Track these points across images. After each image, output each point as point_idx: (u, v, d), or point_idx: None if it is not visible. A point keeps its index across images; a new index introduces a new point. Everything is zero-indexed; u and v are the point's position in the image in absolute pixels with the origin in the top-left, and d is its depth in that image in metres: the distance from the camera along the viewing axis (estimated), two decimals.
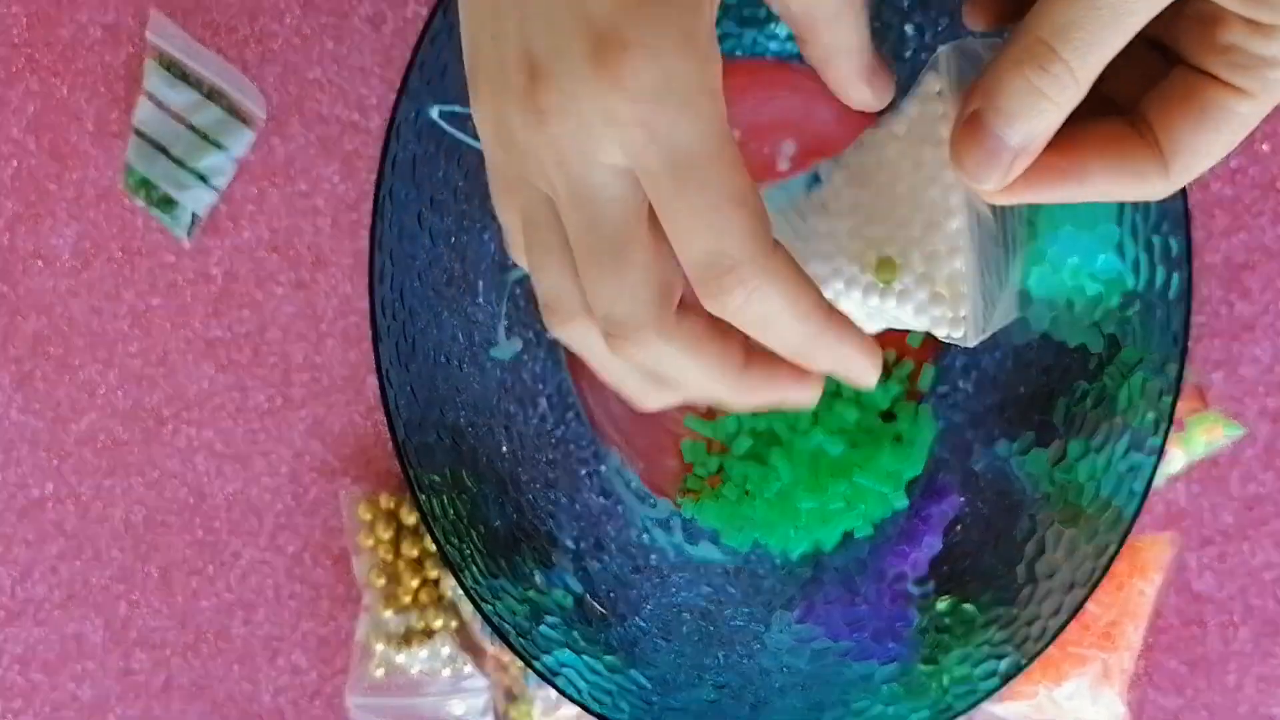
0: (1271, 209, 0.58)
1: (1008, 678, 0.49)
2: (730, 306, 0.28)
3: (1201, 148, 0.29)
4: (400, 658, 0.60)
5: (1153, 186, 0.30)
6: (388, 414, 0.51)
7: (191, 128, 0.59)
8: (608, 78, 0.26)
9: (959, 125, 0.29)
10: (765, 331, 0.29)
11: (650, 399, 0.33)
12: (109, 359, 0.62)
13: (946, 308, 0.33)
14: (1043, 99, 0.27)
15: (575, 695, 0.50)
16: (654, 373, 0.30)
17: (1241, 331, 0.58)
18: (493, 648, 0.60)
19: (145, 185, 0.59)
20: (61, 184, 0.61)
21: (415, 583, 0.60)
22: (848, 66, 0.32)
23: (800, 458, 0.54)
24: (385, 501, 0.60)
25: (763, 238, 0.27)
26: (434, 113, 0.50)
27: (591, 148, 0.27)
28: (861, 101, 0.33)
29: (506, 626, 0.49)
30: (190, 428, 0.62)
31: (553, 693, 0.58)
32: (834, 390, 0.55)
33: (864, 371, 0.31)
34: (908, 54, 0.53)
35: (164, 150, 0.59)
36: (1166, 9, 0.27)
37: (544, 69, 0.27)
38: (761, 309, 0.28)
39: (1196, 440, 0.57)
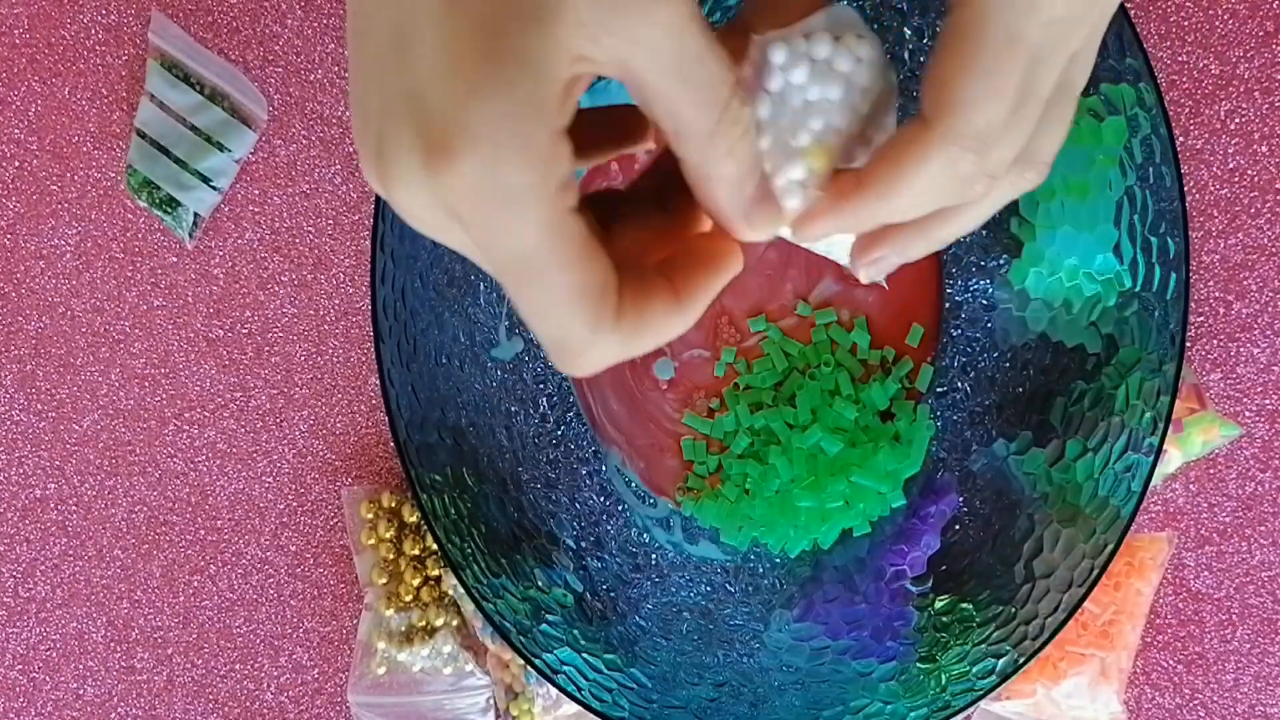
0: (1269, 210, 0.58)
1: (1005, 676, 0.50)
2: (576, 373, 0.30)
3: (937, 74, 0.28)
4: (402, 656, 0.60)
5: (919, 134, 0.29)
6: (389, 414, 0.51)
7: (194, 129, 0.59)
8: (438, 181, 0.25)
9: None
10: None
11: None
12: (111, 359, 0.62)
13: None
14: None
15: (576, 693, 0.50)
16: None
17: (1239, 332, 0.58)
18: (494, 645, 0.60)
19: (147, 186, 0.60)
20: (63, 185, 0.61)
21: (417, 581, 0.60)
22: (724, 195, 0.29)
23: (799, 456, 0.54)
24: (387, 500, 0.60)
25: (600, 320, 0.28)
26: None
27: (433, 229, 0.27)
28: (735, 233, 0.30)
29: (507, 624, 0.50)
30: (192, 427, 0.62)
31: (553, 690, 0.58)
32: (832, 389, 0.56)
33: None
34: (906, 55, 0.53)
35: (166, 151, 0.59)
36: None
37: (386, 154, 0.26)
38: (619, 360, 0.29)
39: (1194, 440, 0.57)
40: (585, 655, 0.51)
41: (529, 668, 0.54)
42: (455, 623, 0.61)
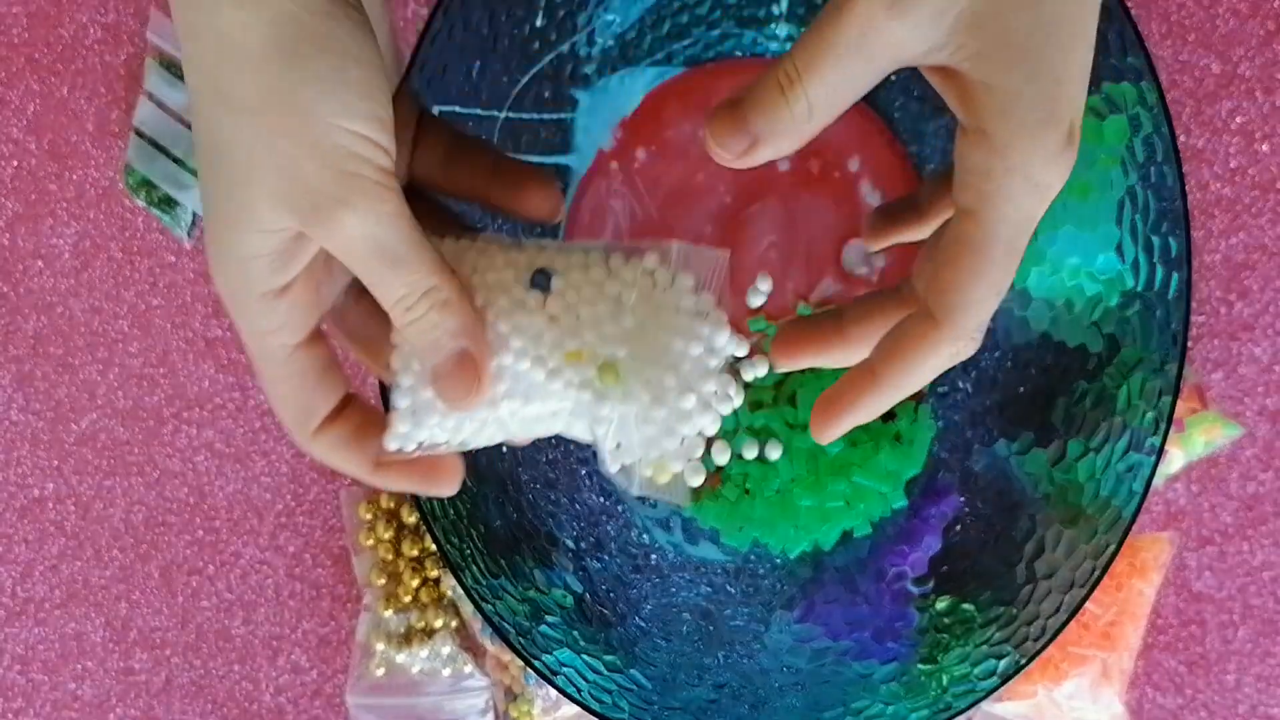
0: (1270, 209, 0.58)
1: (1007, 677, 0.49)
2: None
3: (948, 280, 0.32)
4: (401, 657, 0.60)
5: (928, 334, 0.33)
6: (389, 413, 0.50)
7: (192, 128, 0.59)
8: None
9: (720, 104, 0.32)
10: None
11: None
12: (109, 359, 0.62)
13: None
14: (781, 102, 0.31)
15: (575, 694, 0.50)
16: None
17: (1240, 331, 0.58)
18: (493, 647, 0.60)
19: (146, 185, 0.59)
20: (62, 184, 0.61)
21: (415, 582, 0.60)
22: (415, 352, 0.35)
23: (799, 456, 0.54)
24: (385, 501, 0.60)
25: (296, 429, 0.36)
26: (434, 112, 0.50)
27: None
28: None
29: (507, 626, 0.49)
30: (191, 427, 0.62)
31: (553, 692, 0.58)
32: None
33: (428, 492, 0.38)
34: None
35: (164, 150, 0.59)
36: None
37: None
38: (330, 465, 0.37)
39: (1196, 440, 0.57)
40: (585, 657, 0.51)
41: (528, 669, 0.54)
42: (454, 624, 0.61)
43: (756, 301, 0.51)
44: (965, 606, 0.53)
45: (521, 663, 0.51)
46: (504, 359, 0.35)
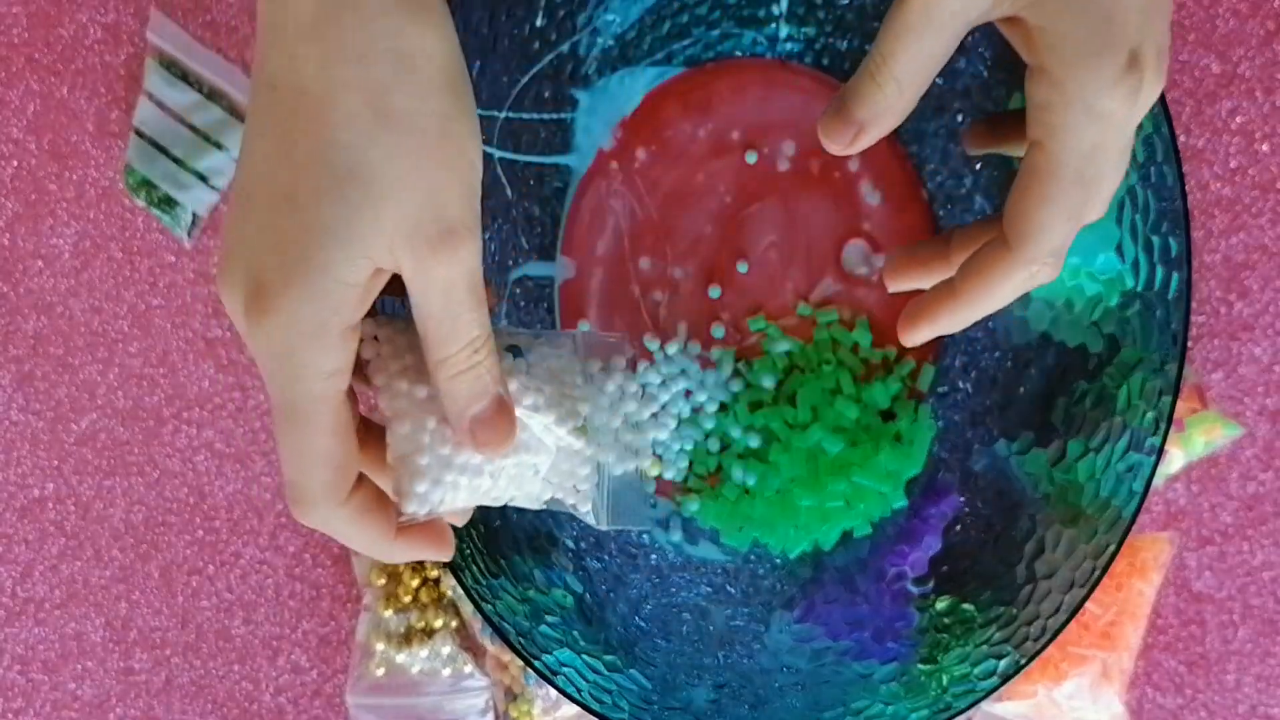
0: (1271, 209, 0.58)
1: (1007, 677, 0.49)
2: (305, 525, 0.35)
3: (1019, 207, 0.35)
4: (400, 657, 0.60)
5: (1004, 257, 0.35)
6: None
7: (192, 128, 0.59)
8: (250, 321, 0.31)
9: (827, 106, 0.36)
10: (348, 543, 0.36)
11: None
12: (109, 359, 0.62)
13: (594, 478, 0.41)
14: (874, 87, 0.34)
15: (575, 694, 0.50)
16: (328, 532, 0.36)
17: (1241, 331, 0.58)
18: (493, 647, 0.60)
19: (146, 185, 0.59)
20: (62, 184, 0.61)
21: (415, 582, 0.60)
22: (451, 409, 0.35)
23: (799, 455, 0.54)
24: None
25: (330, 492, 0.33)
26: None
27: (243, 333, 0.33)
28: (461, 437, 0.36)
29: (506, 626, 0.49)
30: (191, 427, 0.62)
31: (553, 692, 0.58)
32: (834, 388, 0.55)
33: (436, 556, 0.39)
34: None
35: (164, 150, 0.59)
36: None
37: (224, 282, 0.33)
38: (335, 535, 0.35)
39: (1196, 440, 0.57)
40: (585, 656, 0.51)
41: (528, 669, 0.54)
42: (455, 624, 0.61)
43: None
44: (965, 606, 0.53)
45: (521, 663, 0.51)
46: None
